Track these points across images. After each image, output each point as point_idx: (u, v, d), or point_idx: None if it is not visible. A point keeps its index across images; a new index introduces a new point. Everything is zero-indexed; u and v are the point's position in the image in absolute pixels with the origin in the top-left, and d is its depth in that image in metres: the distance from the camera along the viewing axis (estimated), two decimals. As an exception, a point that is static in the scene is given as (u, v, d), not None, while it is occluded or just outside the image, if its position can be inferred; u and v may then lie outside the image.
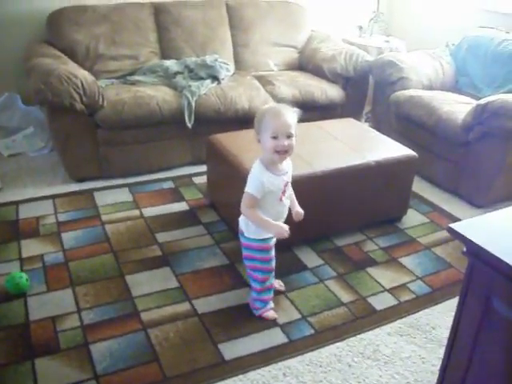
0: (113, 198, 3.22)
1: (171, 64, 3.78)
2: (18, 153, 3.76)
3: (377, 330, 2.26)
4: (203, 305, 2.34)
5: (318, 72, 4.13)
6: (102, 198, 3.21)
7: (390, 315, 2.35)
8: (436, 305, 2.44)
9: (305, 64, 4.33)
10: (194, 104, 3.41)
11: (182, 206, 3.17)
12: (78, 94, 3.11)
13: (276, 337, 2.18)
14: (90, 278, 2.48)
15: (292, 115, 1.99)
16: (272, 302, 2.31)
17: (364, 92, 4.21)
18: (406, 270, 2.67)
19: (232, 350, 2.10)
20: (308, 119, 2.07)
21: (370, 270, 2.66)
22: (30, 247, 2.70)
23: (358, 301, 2.43)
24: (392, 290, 2.51)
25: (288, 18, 4.38)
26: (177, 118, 3.40)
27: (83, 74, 3.23)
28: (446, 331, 2.25)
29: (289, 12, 4.40)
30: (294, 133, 1.97)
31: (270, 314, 2.28)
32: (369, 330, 2.26)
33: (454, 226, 1.38)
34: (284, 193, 2.07)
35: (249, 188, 2.03)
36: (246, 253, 2.20)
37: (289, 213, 2.18)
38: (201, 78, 3.64)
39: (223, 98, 3.52)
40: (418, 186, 3.37)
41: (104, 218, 3.00)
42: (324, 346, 2.15)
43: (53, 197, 3.20)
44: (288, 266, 2.59)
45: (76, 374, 1.95)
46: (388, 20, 4.91)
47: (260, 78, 3.93)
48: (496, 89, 3.76)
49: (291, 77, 4.01)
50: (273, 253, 2.19)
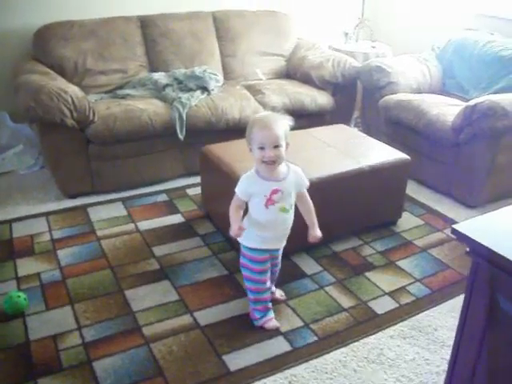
0: (107, 212, 3.20)
1: (160, 76, 3.78)
2: (9, 171, 3.73)
3: (379, 333, 2.27)
4: (205, 316, 2.33)
5: (306, 80, 4.15)
6: (96, 214, 3.18)
7: (391, 318, 2.35)
8: (436, 306, 2.45)
9: (293, 72, 4.36)
10: (185, 116, 3.41)
11: (178, 219, 3.16)
12: (69, 110, 3.09)
13: (280, 345, 2.18)
14: (89, 295, 2.46)
15: (281, 125, 1.99)
16: (272, 311, 2.30)
17: (352, 98, 4.23)
18: (404, 273, 2.68)
19: (236, 360, 2.09)
20: (298, 127, 2.09)
21: (368, 274, 2.66)
22: (26, 266, 2.67)
23: (358, 306, 2.43)
24: (392, 294, 2.52)
25: (274, 27, 4.40)
26: (168, 131, 3.40)
27: (73, 90, 3.21)
28: (448, 332, 2.27)
29: (275, 21, 4.43)
30: (282, 143, 1.97)
31: (272, 323, 2.27)
32: (372, 335, 2.26)
33: (457, 226, 1.40)
34: (271, 201, 2.04)
35: (236, 188, 2.10)
36: (240, 260, 2.22)
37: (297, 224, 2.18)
38: (190, 90, 3.65)
39: (214, 109, 3.52)
40: (411, 188, 3.39)
41: (99, 233, 2.98)
42: (328, 352, 2.15)
43: (46, 214, 3.18)
44: (287, 274, 2.58)
45: (80, 393, 1.94)
46: (373, 26, 4.95)
47: (249, 88, 3.95)
48: (482, 90, 3.80)
49: (280, 85, 4.02)
50: (263, 266, 2.18)
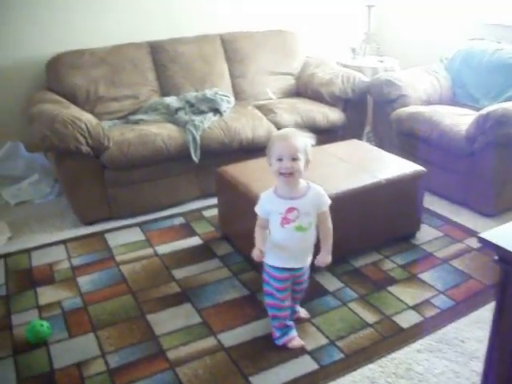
0: (124, 238, 3.21)
1: (172, 100, 3.81)
2: (25, 200, 3.75)
3: (406, 348, 2.24)
4: (229, 338, 2.31)
5: (316, 97, 4.17)
6: (113, 239, 3.19)
7: (417, 332, 2.33)
8: (462, 317, 2.42)
9: (302, 90, 4.38)
10: (198, 138, 3.43)
11: (196, 241, 3.15)
12: (84, 137, 3.12)
13: (306, 364, 2.15)
14: (112, 321, 2.45)
15: (301, 139, 1.99)
16: (294, 329, 2.28)
17: (363, 112, 4.24)
18: (426, 286, 2.65)
19: (263, 381, 2.07)
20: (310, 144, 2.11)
21: (390, 288, 2.64)
22: (47, 294, 2.68)
23: (383, 320, 2.40)
24: (416, 307, 2.49)
25: (282, 47, 4.44)
26: (183, 154, 3.41)
27: (87, 117, 3.25)
28: (475, 343, 2.23)
29: (282, 40, 4.47)
30: (300, 156, 1.97)
31: (295, 342, 2.24)
32: (398, 349, 2.23)
33: (483, 235, 1.38)
34: (286, 219, 2.03)
35: (256, 208, 2.12)
36: (263, 276, 2.22)
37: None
38: (202, 112, 3.67)
39: (227, 130, 3.54)
40: (427, 200, 3.36)
41: (118, 258, 2.98)
42: (356, 369, 2.12)
43: (64, 241, 3.19)
44: (309, 292, 2.55)
45: (108, 420, 1.93)
46: (380, 40, 4.98)
47: (261, 108, 3.96)
48: (493, 98, 3.80)
49: (291, 104, 4.04)
50: (283, 285, 2.16)
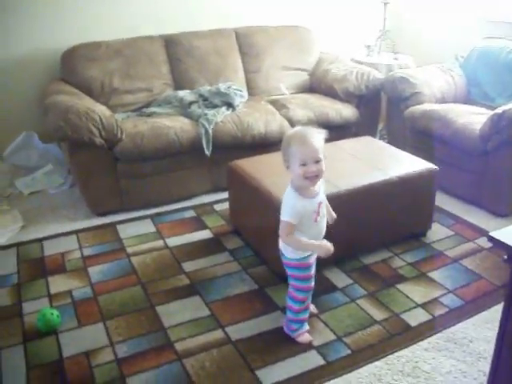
0: (136, 229, 3.23)
1: (185, 94, 3.82)
2: (38, 190, 3.79)
3: (414, 346, 2.23)
4: (236, 331, 2.32)
5: (330, 93, 4.15)
6: (125, 231, 3.21)
7: (425, 330, 2.32)
8: (470, 317, 2.41)
9: (316, 86, 4.36)
10: (211, 132, 3.44)
11: (206, 234, 3.17)
12: (97, 129, 3.14)
13: (313, 359, 2.16)
14: (121, 311, 2.47)
15: (318, 138, 1.97)
16: (307, 323, 2.29)
17: (377, 109, 4.22)
18: (436, 284, 2.64)
19: (270, 375, 2.08)
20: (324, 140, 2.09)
21: (400, 286, 2.63)
22: (58, 283, 2.70)
23: (391, 318, 2.40)
24: (425, 305, 2.48)
25: (297, 42, 4.43)
26: (195, 147, 3.43)
27: (101, 109, 3.27)
28: (484, 344, 2.22)
29: (297, 36, 4.46)
30: (322, 157, 1.96)
31: (305, 337, 2.25)
32: (406, 347, 2.22)
33: (493, 234, 1.38)
34: (318, 213, 2.05)
35: (284, 216, 2.02)
36: (292, 273, 2.19)
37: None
38: (216, 106, 3.68)
39: (239, 124, 3.55)
40: (439, 199, 3.34)
41: (129, 250, 3.00)
42: (362, 366, 2.12)
43: (76, 232, 3.22)
44: (318, 288, 2.54)
45: (115, 409, 1.95)
46: (395, 37, 4.95)
47: (274, 103, 3.96)
48: (509, 97, 3.76)
49: (304, 99, 4.03)
50: (313, 271, 2.18)
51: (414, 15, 5.04)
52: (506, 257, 1.38)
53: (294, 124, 3.55)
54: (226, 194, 3.23)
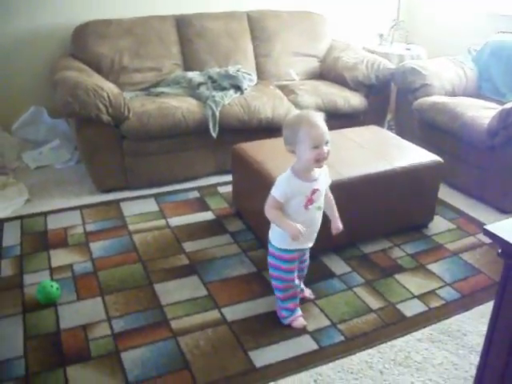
0: (139, 208, 3.25)
1: (194, 75, 3.82)
2: (45, 165, 3.82)
3: (407, 336, 2.24)
4: (232, 312, 2.34)
5: (339, 81, 4.14)
6: (128, 208, 3.24)
7: (420, 321, 2.33)
8: (466, 311, 2.41)
9: (326, 73, 4.35)
10: (218, 114, 3.44)
11: (208, 216, 3.18)
12: (104, 106, 3.15)
13: (306, 344, 2.17)
14: (120, 287, 2.50)
15: (322, 120, 1.97)
16: (299, 309, 2.30)
17: (386, 100, 4.20)
18: (434, 277, 2.65)
19: (262, 357, 2.10)
20: (331, 127, 2.06)
21: (398, 276, 2.64)
22: (59, 257, 2.74)
23: (387, 307, 2.41)
24: (421, 297, 2.49)
25: (309, 28, 4.41)
26: (201, 129, 3.43)
27: (109, 87, 3.28)
28: (477, 337, 2.23)
29: (310, 22, 4.43)
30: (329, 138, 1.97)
31: (299, 322, 2.27)
32: (399, 337, 2.23)
33: (488, 227, 1.38)
34: (310, 201, 2.04)
35: (273, 192, 2.03)
36: (269, 260, 2.21)
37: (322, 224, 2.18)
38: (224, 89, 3.67)
39: (247, 108, 3.55)
40: (444, 192, 3.34)
41: (131, 227, 3.03)
42: (355, 353, 2.14)
43: (80, 207, 3.25)
44: (316, 274, 2.58)
45: (108, 382, 1.97)
46: (408, 27, 4.91)
47: (283, 88, 3.95)
48: (520, 94, 3.74)
49: (313, 86, 4.02)
50: (292, 265, 2.17)
51: (428, 6, 4.99)
52: (500, 250, 1.38)
53: (301, 109, 3.53)
54: (230, 177, 3.23)
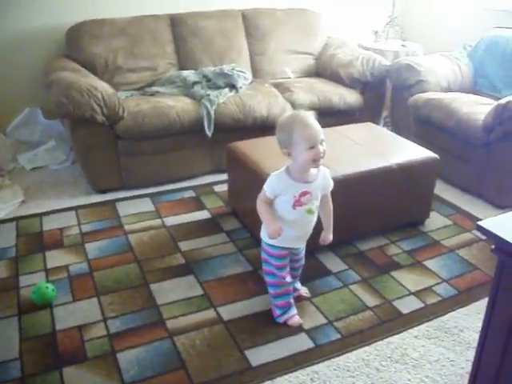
0: (135, 208, 3.24)
1: (189, 74, 3.81)
2: (40, 166, 3.81)
3: (404, 333, 2.24)
4: (228, 311, 2.34)
5: (335, 78, 4.13)
6: (124, 209, 3.23)
7: (416, 318, 2.32)
8: (463, 307, 2.41)
9: (322, 70, 4.34)
10: (213, 113, 3.43)
11: (204, 215, 3.18)
12: (99, 106, 3.14)
13: (302, 342, 2.17)
14: (115, 288, 2.49)
15: (315, 119, 1.97)
16: (295, 307, 2.29)
17: (382, 96, 4.19)
18: (430, 273, 2.64)
19: (258, 355, 2.09)
20: (326, 125, 2.05)
21: (394, 273, 2.64)
22: (55, 258, 2.73)
23: (383, 304, 2.41)
24: (417, 293, 2.48)
25: (304, 26, 4.40)
26: (196, 128, 3.42)
27: (103, 87, 3.27)
28: (474, 333, 2.23)
29: (304, 19, 4.42)
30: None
31: (295, 320, 2.26)
32: (396, 334, 2.23)
33: (482, 223, 1.37)
34: (299, 202, 2.03)
35: (265, 186, 2.05)
36: (261, 255, 2.23)
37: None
38: (219, 87, 3.67)
39: (242, 106, 3.54)
40: (440, 188, 3.34)
41: (127, 227, 3.02)
42: (351, 351, 2.14)
43: (76, 208, 3.24)
44: (312, 272, 2.58)
45: (104, 383, 1.96)
46: (403, 24, 4.91)
47: (278, 86, 3.95)
48: (515, 89, 3.73)
49: (309, 83, 4.02)
50: (282, 262, 2.17)
51: (423, 2, 4.99)
52: (493, 246, 1.37)
53: (296, 108, 3.53)
54: (225, 176, 3.23)
